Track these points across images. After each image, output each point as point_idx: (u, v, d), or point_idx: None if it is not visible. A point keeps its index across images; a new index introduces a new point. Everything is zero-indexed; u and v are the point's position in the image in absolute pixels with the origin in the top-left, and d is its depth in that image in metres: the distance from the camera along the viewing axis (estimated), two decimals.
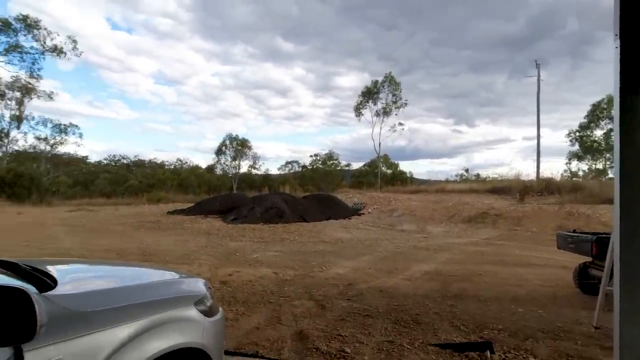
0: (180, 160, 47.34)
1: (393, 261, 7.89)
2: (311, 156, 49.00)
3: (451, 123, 71.70)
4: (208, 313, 1.98)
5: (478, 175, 41.03)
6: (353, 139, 71.38)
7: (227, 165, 44.32)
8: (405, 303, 4.83)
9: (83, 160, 40.76)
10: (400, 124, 40.98)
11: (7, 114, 29.83)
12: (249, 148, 44.16)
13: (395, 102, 39.76)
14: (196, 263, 7.36)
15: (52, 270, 1.65)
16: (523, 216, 14.60)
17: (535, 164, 28.77)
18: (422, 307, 4.69)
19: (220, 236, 11.61)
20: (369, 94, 40.02)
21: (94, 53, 61.14)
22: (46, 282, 1.47)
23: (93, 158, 43.44)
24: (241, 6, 72.64)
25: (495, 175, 30.62)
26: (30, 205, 22.27)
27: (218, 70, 79.69)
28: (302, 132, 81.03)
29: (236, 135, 44.33)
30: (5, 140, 30.74)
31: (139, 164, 46.47)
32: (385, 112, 40.06)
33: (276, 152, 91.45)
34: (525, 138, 75.67)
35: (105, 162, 44.89)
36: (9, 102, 28.95)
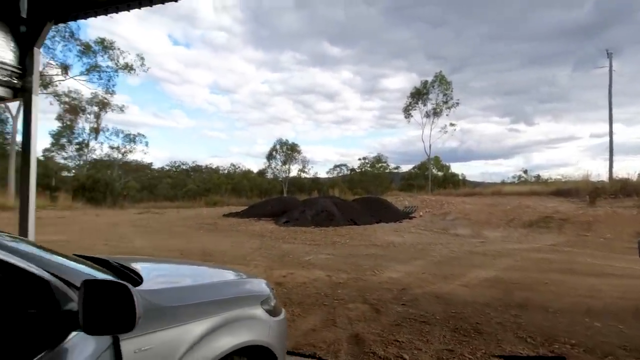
0: (233, 165, 49.42)
1: (448, 266, 7.60)
2: (359, 159, 48.70)
3: (507, 122, 67.68)
4: (272, 313, 2.05)
5: (538, 176, 38.13)
6: (402, 141, 69.87)
7: (277, 169, 45.47)
8: (464, 311, 4.62)
9: (148, 166, 43.95)
10: (452, 124, 39.41)
11: (87, 127, 33.16)
12: (299, 152, 44.96)
13: (446, 102, 38.32)
14: (252, 264, 7.63)
15: (137, 267, 1.80)
16: (594, 221, 13.34)
17: (608, 163, 26.18)
18: (482, 315, 4.46)
19: (273, 238, 11.94)
20: (418, 94, 38.98)
21: (158, 68, 66.22)
22: (134, 279, 1.62)
23: (157, 164, 46.65)
24: (289, 15, 74.48)
25: (559, 176, 28.09)
26: (106, 208, 24.51)
27: (268, 77, 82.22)
28: (350, 135, 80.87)
29: (286, 140, 45.36)
30: (86, 150, 34.19)
31: (197, 169, 49.16)
32: (436, 113, 38.76)
33: (325, 155, 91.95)
34: (594, 135, 68.53)
35: (167, 168, 48.05)
36: (88, 116, 32.18)
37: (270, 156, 44.99)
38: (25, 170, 3.65)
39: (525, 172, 40.79)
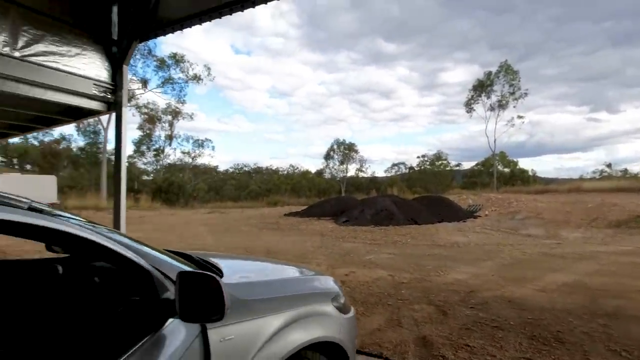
0: (292, 166, 50.70)
1: (520, 269, 7.05)
2: (418, 157, 47.32)
3: (586, 111, 61.21)
4: (342, 310, 2.07)
5: (626, 170, 33.91)
6: (463, 137, 66.48)
7: (335, 169, 45.77)
8: (542, 317, 4.25)
9: (215, 169, 46.75)
10: (520, 116, 36.62)
11: (162, 135, 36.26)
12: (356, 152, 44.82)
13: (512, 93, 35.67)
14: (314, 262, 7.75)
15: (216, 262, 1.92)
16: None
17: None
18: (564, 323, 4.06)
19: (333, 237, 12.03)
20: (481, 87, 36.75)
21: (222, 77, 70.23)
22: (217, 273, 1.73)
23: (222, 167, 49.43)
24: (343, 15, 74.59)
25: None
26: (179, 208, 26.58)
27: (324, 79, 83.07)
28: (408, 132, 78.82)
29: (343, 139, 45.49)
30: (161, 156, 37.41)
31: (258, 171, 51.24)
32: (501, 106, 36.27)
33: (382, 154, 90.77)
34: None
35: (231, 170, 50.74)
36: (163, 125, 35.19)
37: (327, 156, 45.44)
38: (117, 175, 4.08)
39: (609, 166, 36.58)
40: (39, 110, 4.23)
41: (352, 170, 45.71)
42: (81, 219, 1.41)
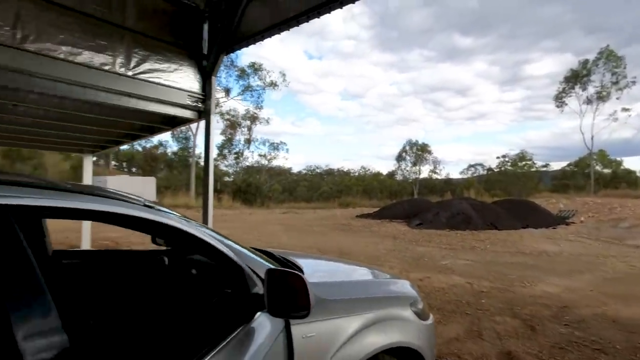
0: (363, 168, 50.40)
1: (628, 285, 6.10)
2: (498, 157, 43.60)
3: None
4: (421, 316, 1.99)
5: None
6: (552, 134, 59.88)
7: (407, 170, 44.46)
8: None
9: (288, 171, 48.52)
10: (625, 109, 31.75)
11: (242, 139, 38.80)
12: (429, 152, 43.03)
13: (616, 83, 31.02)
14: (387, 265, 7.61)
15: (296, 261, 1.99)
16: None
17: None
18: None
19: (406, 240, 11.69)
20: (576, 77, 32.66)
21: (296, 82, 72.64)
22: (299, 271, 1.79)
23: (295, 169, 51.09)
24: (416, 13, 72.26)
25: None
26: (256, 207, 28.15)
27: (395, 79, 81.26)
28: (486, 131, 73.43)
29: (415, 140, 44.00)
30: (241, 158, 40.00)
31: (330, 173, 51.91)
32: (601, 97, 31.83)
33: (457, 155, 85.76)
34: None
35: (304, 172, 52.21)
36: (242, 129, 37.62)
37: (399, 157, 44.33)
38: (206, 176, 4.46)
39: None
40: (145, 120, 4.82)
41: (425, 171, 44.01)
42: (180, 216, 1.57)
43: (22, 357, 0.58)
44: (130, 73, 3.56)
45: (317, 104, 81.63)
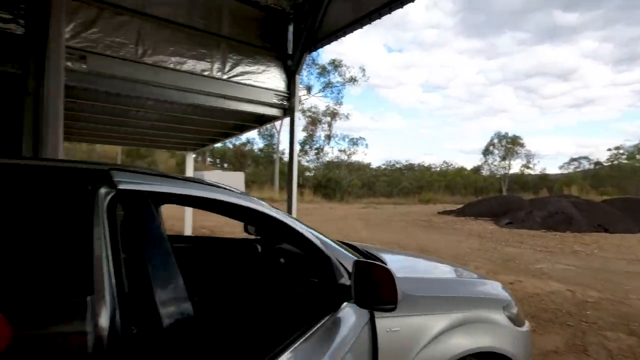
0: (446, 163, 47.78)
1: None
2: (609, 149, 37.53)
3: None
4: (515, 321, 1.82)
5: None
6: None
7: (494, 165, 40.89)
8: None
9: (367, 166, 48.24)
10: None
11: (322, 135, 39.70)
12: (521, 145, 38.95)
13: None
14: (472, 265, 7.12)
15: (380, 255, 1.97)
16: None
17: None
18: None
19: (494, 240, 10.78)
20: None
21: (375, 76, 71.83)
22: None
23: (374, 164, 50.55)
24: None
25: None
26: (336, 202, 28.62)
27: (482, 66, 75.22)
28: (593, 120, 63.65)
29: (505, 132, 40.16)
30: (321, 154, 40.99)
31: (409, 168, 50.25)
32: None
33: (555, 147, 75.97)
34: None
35: (383, 167, 51.40)
36: (323, 126, 38.45)
37: (486, 151, 40.98)
38: (290, 171, 4.67)
39: None
40: (237, 119, 5.23)
41: (515, 166, 39.96)
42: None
43: (161, 319, 0.69)
44: (225, 77, 3.90)
45: (397, 97, 79.57)
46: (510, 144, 39.20)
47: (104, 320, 0.98)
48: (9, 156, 1.03)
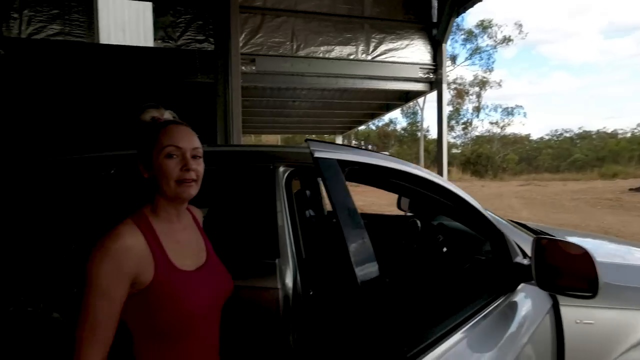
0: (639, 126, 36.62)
1: None
2: None
3: None
4: None
5: None
6: None
7: None
8: None
9: (526, 138, 41.39)
10: None
11: (470, 107, 35.94)
12: None
13: None
14: None
15: (556, 235, 1.64)
16: None
17: None
18: None
19: None
20: None
21: (535, 31, 60.06)
22: None
23: (535, 135, 42.94)
24: None
25: None
26: (488, 180, 25.69)
27: None
28: None
29: None
30: (469, 128, 37.25)
31: (584, 136, 40.67)
32: None
33: None
34: None
35: (547, 137, 43.17)
36: (471, 97, 34.71)
37: None
38: (440, 148, 4.39)
39: None
40: (381, 99, 5.21)
41: None
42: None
43: (357, 279, 0.77)
44: (369, 57, 3.90)
45: (566, 52, 64.78)
46: None
47: (289, 280, 1.14)
48: (209, 144, 1.27)
